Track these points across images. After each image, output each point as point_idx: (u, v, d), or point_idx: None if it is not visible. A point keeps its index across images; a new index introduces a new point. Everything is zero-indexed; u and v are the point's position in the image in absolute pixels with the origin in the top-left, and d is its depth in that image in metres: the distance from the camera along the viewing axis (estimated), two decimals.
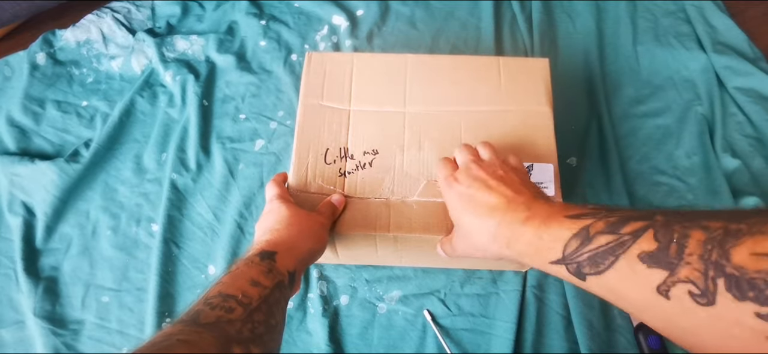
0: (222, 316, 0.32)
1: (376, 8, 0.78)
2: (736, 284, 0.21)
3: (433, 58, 0.56)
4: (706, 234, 0.23)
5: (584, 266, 0.28)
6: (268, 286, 0.36)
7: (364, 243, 0.50)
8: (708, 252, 0.22)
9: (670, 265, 0.23)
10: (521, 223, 0.33)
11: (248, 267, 0.37)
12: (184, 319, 0.32)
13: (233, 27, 0.77)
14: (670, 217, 0.25)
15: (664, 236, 0.24)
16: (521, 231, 0.33)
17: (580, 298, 0.56)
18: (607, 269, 0.27)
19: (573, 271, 0.29)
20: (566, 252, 0.29)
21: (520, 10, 0.76)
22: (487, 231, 0.36)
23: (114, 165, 0.67)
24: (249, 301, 0.34)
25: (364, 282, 0.59)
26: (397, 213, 0.47)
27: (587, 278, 0.28)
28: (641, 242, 0.25)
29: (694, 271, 0.22)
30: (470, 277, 0.58)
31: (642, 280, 0.25)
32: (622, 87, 0.71)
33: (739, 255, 0.21)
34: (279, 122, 0.69)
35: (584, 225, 0.29)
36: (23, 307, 0.58)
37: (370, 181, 0.49)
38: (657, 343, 0.53)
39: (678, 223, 0.24)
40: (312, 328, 0.57)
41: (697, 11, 0.75)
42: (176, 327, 0.31)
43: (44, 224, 0.62)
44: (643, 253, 0.25)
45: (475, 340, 0.55)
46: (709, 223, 0.23)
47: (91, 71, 0.74)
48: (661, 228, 0.25)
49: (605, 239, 0.27)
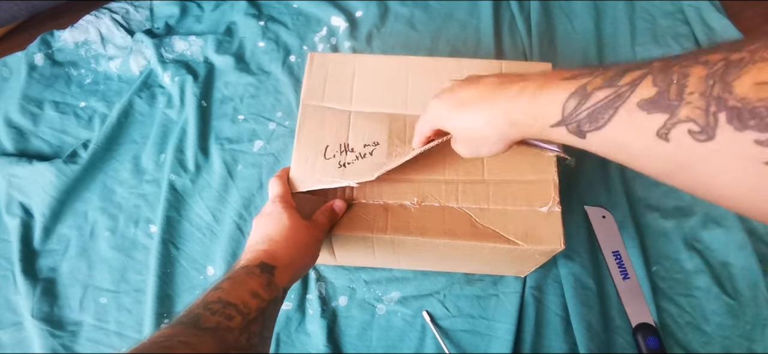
0: (221, 323, 0.33)
1: (375, 9, 0.78)
2: (738, 115, 0.20)
3: (435, 61, 0.56)
4: (708, 69, 0.22)
5: (584, 124, 0.28)
6: (266, 300, 0.37)
7: (362, 245, 0.49)
8: (709, 87, 0.22)
9: (670, 108, 0.23)
10: (516, 95, 0.32)
11: (249, 277, 0.38)
12: (184, 320, 0.33)
13: (232, 28, 0.77)
14: (670, 60, 0.25)
15: (663, 80, 0.24)
16: (517, 103, 0.32)
17: (579, 299, 0.56)
18: (607, 123, 0.26)
19: (573, 131, 0.29)
20: (565, 112, 0.29)
21: (518, 11, 0.76)
22: (483, 119, 0.35)
23: (112, 166, 0.67)
24: (248, 312, 0.35)
25: (362, 283, 0.59)
26: (395, 216, 0.46)
27: (587, 135, 0.28)
28: (640, 90, 0.25)
29: (696, 109, 0.22)
30: (470, 279, 0.58)
31: (642, 127, 0.24)
32: None
33: (742, 86, 0.20)
34: (278, 123, 0.69)
35: (582, 83, 0.28)
36: (21, 308, 0.58)
37: (370, 168, 0.48)
38: (656, 343, 0.54)
39: (677, 64, 0.24)
40: (311, 329, 0.56)
41: (695, 12, 0.75)
42: (177, 328, 0.31)
43: (42, 225, 0.62)
44: (642, 100, 0.24)
45: (474, 342, 0.55)
46: (710, 56, 0.22)
47: (89, 72, 0.74)
48: (659, 73, 0.24)
49: (604, 94, 0.26)
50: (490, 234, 0.44)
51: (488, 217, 0.45)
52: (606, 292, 0.58)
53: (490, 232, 0.45)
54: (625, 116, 0.25)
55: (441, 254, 0.50)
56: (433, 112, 0.40)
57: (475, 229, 0.45)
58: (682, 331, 0.56)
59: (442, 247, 0.46)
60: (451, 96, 0.38)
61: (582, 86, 0.28)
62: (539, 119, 0.31)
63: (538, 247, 0.44)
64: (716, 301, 0.56)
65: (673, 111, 0.23)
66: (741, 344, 0.55)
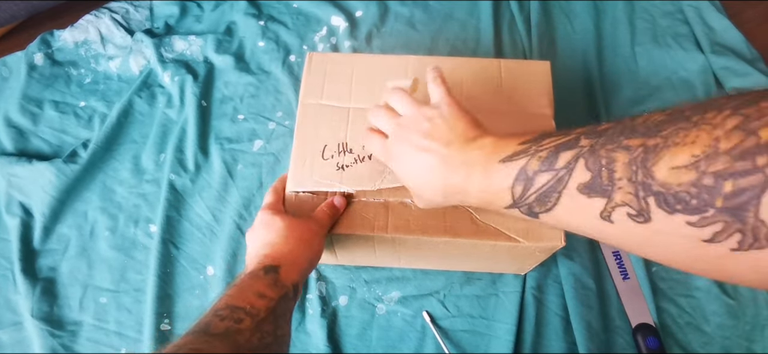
0: (231, 327, 0.33)
1: (375, 9, 0.78)
2: (665, 200, 0.21)
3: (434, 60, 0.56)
4: (629, 155, 0.23)
5: (534, 206, 0.29)
6: (274, 298, 0.37)
7: (363, 244, 0.49)
8: (634, 173, 0.23)
9: (606, 192, 0.24)
10: (463, 181, 0.34)
11: (253, 280, 0.38)
12: (194, 330, 0.33)
13: (232, 27, 0.77)
14: (595, 140, 0.26)
15: (593, 164, 0.25)
16: (467, 188, 0.34)
17: (579, 299, 0.56)
18: (555, 206, 0.28)
19: (526, 212, 0.30)
20: (515, 197, 0.30)
21: (518, 11, 0.76)
22: (436, 191, 0.37)
23: (112, 166, 0.66)
24: (257, 313, 0.35)
25: (363, 283, 0.59)
26: (396, 214, 0.46)
27: (539, 216, 0.30)
28: (576, 175, 0.26)
29: (627, 194, 0.23)
30: (470, 279, 0.58)
31: (586, 211, 0.26)
32: (620, 88, 0.71)
33: (661, 172, 0.22)
34: (277, 123, 0.69)
35: (520, 167, 0.29)
36: (21, 308, 0.58)
37: (369, 173, 0.48)
38: (655, 343, 0.54)
39: (602, 147, 0.25)
40: (311, 329, 0.56)
41: (695, 12, 0.75)
42: (186, 338, 0.31)
43: (42, 225, 0.62)
44: (580, 185, 0.26)
45: (474, 341, 0.55)
46: (630, 141, 0.23)
47: (89, 72, 0.74)
48: (589, 156, 0.25)
49: (545, 178, 0.28)
50: (491, 231, 0.45)
51: (489, 214, 0.45)
52: (606, 292, 0.58)
53: (491, 229, 0.45)
54: (569, 200, 0.27)
55: (442, 252, 0.50)
56: (391, 166, 0.41)
57: (475, 226, 0.45)
58: (682, 331, 0.56)
59: (443, 245, 0.46)
60: (405, 163, 0.38)
61: (522, 170, 0.29)
62: (493, 204, 0.32)
63: (539, 243, 0.44)
64: (716, 301, 0.56)
65: (609, 195, 0.24)
66: (741, 345, 0.55)
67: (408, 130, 0.38)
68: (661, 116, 0.23)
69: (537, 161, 0.28)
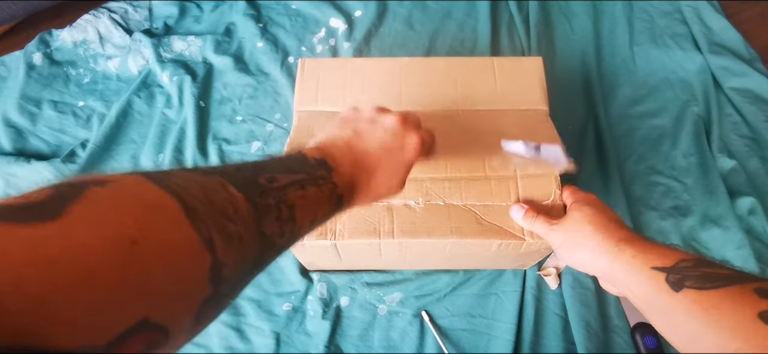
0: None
1: (373, 9, 0.78)
2: None
3: (427, 61, 0.56)
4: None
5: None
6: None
7: (368, 248, 0.49)
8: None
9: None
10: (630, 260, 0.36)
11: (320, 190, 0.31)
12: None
13: (231, 28, 0.77)
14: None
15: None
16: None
17: (577, 299, 0.56)
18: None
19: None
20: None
21: (517, 11, 0.76)
22: (597, 262, 0.38)
23: (110, 165, 0.66)
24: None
25: (364, 284, 0.59)
26: (400, 217, 0.46)
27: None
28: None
29: None
30: (470, 279, 0.58)
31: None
32: (618, 87, 0.71)
33: None
34: (276, 124, 0.69)
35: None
36: None
37: None
38: (653, 343, 0.54)
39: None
40: (312, 330, 0.56)
41: (693, 12, 0.76)
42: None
43: None
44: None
45: (474, 341, 0.55)
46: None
47: (87, 71, 0.74)
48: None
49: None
50: (497, 230, 0.45)
51: (493, 213, 0.45)
52: (604, 292, 0.58)
53: (496, 228, 0.45)
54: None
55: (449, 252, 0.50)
56: (552, 242, 0.43)
57: (481, 226, 0.45)
58: None
59: (450, 246, 0.46)
60: (570, 239, 0.41)
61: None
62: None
63: (543, 241, 0.44)
64: None
65: None
66: None
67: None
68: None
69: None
